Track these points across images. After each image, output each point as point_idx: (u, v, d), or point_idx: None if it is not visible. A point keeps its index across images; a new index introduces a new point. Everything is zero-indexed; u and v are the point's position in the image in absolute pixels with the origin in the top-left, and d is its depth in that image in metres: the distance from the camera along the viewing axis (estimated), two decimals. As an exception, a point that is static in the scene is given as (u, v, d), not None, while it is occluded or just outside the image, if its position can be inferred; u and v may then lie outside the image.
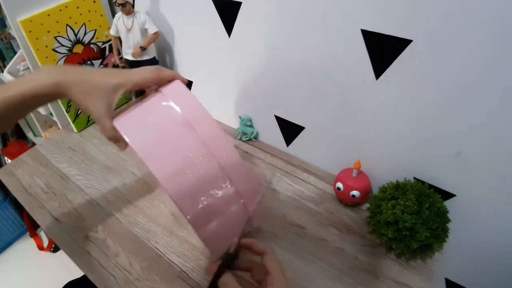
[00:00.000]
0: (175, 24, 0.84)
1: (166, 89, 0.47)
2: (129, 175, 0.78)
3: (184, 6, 0.77)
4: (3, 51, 1.04)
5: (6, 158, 1.38)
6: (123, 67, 0.93)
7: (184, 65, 0.91)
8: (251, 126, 0.86)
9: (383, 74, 0.57)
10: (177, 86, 0.47)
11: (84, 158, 0.83)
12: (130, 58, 0.84)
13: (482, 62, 0.47)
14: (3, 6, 0.70)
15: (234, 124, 0.90)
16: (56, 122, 0.94)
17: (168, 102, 0.45)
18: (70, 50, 0.82)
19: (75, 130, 0.91)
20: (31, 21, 0.73)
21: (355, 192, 0.67)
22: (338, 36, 0.58)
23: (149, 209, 0.70)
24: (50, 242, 1.49)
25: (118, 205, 0.72)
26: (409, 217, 0.53)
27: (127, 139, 0.42)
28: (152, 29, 0.80)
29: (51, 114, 0.92)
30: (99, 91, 0.44)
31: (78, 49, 0.83)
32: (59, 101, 0.85)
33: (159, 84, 0.48)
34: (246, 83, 0.80)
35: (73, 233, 0.66)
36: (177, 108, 0.44)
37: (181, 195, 0.42)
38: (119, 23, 0.80)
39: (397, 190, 0.58)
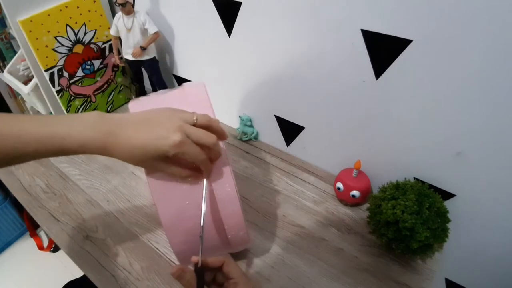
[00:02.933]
0: (175, 24, 0.84)
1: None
2: (129, 175, 0.78)
3: (184, 6, 0.77)
4: (3, 51, 1.04)
5: (6, 158, 1.38)
6: (123, 67, 0.93)
7: (184, 65, 0.91)
8: (251, 126, 0.86)
9: (383, 74, 0.57)
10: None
11: (84, 158, 0.83)
12: (130, 58, 0.84)
13: (482, 62, 0.47)
14: (3, 6, 0.70)
15: (234, 124, 0.90)
16: (56, 122, 0.94)
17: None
18: (70, 50, 0.82)
19: (75, 130, 0.91)
20: (31, 21, 0.73)
21: (355, 192, 0.67)
22: (338, 36, 0.58)
23: (149, 209, 0.70)
24: (50, 242, 1.49)
25: (118, 205, 0.72)
26: (409, 217, 0.53)
27: None
28: (152, 29, 0.80)
29: (51, 114, 0.92)
30: (141, 155, 0.40)
31: (78, 49, 0.83)
32: (59, 101, 0.85)
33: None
34: (246, 83, 0.80)
35: (73, 233, 0.66)
36: None
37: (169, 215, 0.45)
38: (119, 23, 0.80)
39: (397, 190, 0.58)
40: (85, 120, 0.39)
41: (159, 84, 0.90)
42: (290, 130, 0.80)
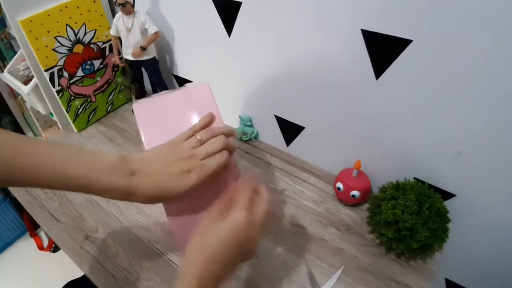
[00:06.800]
0: (175, 24, 0.84)
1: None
2: (129, 175, 0.78)
3: (184, 6, 0.77)
4: (3, 51, 1.04)
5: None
6: (123, 67, 0.93)
7: (184, 65, 0.91)
8: (251, 126, 0.86)
9: (383, 74, 0.57)
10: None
11: (84, 158, 0.83)
12: (130, 58, 0.84)
13: (482, 62, 0.47)
14: (3, 6, 0.70)
15: (234, 124, 0.90)
16: (56, 122, 0.94)
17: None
18: (70, 50, 0.82)
19: (75, 130, 0.91)
20: (31, 21, 0.73)
21: (355, 192, 0.67)
22: (338, 36, 0.58)
23: (149, 209, 0.70)
24: (50, 242, 1.49)
25: (118, 205, 0.72)
26: (409, 217, 0.53)
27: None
28: (152, 29, 0.80)
29: (51, 114, 0.92)
30: (164, 199, 0.42)
31: (78, 49, 0.83)
32: (59, 101, 0.85)
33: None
34: (246, 83, 0.80)
35: (73, 233, 0.66)
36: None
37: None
38: (119, 23, 0.80)
39: (397, 190, 0.58)
40: (111, 167, 0.39)
41: (159, 84, 0.90)
42: (290, 130, 0.80)
